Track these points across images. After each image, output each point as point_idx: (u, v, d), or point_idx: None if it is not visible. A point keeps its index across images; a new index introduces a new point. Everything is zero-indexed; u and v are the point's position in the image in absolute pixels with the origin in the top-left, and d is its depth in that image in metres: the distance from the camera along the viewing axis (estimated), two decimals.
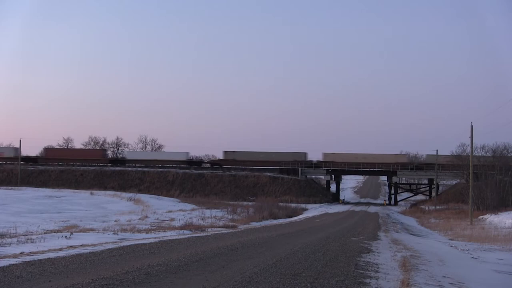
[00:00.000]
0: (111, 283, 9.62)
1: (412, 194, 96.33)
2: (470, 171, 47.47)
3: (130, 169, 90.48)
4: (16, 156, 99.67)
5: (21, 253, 13.51)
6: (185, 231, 24.02)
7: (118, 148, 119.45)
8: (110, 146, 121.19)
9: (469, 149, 50.08)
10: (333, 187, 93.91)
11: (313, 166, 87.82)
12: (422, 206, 71.15)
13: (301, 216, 50.06)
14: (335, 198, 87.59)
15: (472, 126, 44.02)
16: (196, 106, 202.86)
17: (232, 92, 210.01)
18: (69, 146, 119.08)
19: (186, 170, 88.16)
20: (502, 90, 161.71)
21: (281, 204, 58.79)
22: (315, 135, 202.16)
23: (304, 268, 12.45)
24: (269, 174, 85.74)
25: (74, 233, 20.27)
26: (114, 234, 20.88)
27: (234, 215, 42.94)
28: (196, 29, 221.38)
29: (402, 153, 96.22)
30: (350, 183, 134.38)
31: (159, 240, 18.75)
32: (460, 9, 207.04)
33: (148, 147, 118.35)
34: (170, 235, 21.53)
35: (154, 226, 28.05)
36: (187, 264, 12.41)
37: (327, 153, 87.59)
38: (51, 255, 13.11)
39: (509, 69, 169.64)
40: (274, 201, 61.46)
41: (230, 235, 22.55)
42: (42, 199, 54.60)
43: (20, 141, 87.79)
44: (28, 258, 12.43)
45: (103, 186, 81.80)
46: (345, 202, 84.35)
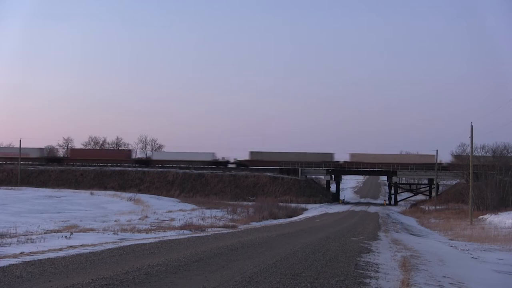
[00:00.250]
0: (111, 283, 9.62)
1: (412, 194, 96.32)
2: (470, 171, 47.48)
3: (130, 169, 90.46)
4: (41, 156, 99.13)
5: (21, 253, 13.50)
6: (185, 231, 24.01)
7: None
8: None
9: (469, 149, 50.14)
10: (333, 187, 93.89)
11: (339, 166, 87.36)
12: (422, 206, 71.16)
13: (301, 216, 50.06)
14: (335, 198, 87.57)
15: (472, 126, 44.04)
16: (196, 106, 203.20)
17: (232, 92, 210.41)
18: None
19: (186, 170, 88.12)
20: (502, 90, 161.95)
21: (281, 204, 58.80)
22: (315, 135, 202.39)
23: (304, 268, 12.45)
24: (269, 174, 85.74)
25: (74, 233, 20.27)
26: (114, 234, 20.88)
27: (234, 215, 42.93)
28: (196, 29, 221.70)
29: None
30: (350, 183, 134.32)
31: (159, 240, 18.74)
32: (460, 9, 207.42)
33: (148, 147, 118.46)
34: (170, 235, 21.53)
35: (154, 226, 28.05)
36: (187, 264, 12.41)
37: (354, 153, 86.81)
38: (51, 255, 13.11)
39: (509, 69, 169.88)
40: (274, 201, 61.48)
41: (230, 235, 22.55)
42: (42, 199, 54.61)
43: (20, 141, 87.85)
44: (28, 258, 12.42)
45: (103, 186, 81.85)
46: (345, 202, 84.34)
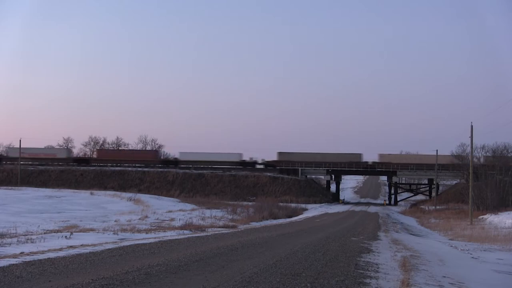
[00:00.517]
0: (111, 283, 9.62)
1: (412, 194, 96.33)
2: (470, 171, 47.48)
3: (130, 169, 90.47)
4: (69, 157, 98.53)
5: (21, 253, 13.50)
6: (185, 231, 24.00)
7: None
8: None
9: (469, 149, 50.12)
10: (333, 187, 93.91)
11: (368, 167, 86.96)
12: (422, 206, 71.15)
13: (301, 216, 50.05)
14: (335, 198, 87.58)
15: (472, 126, 44.03)
16: (196, 106, 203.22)
17: (232, 92, 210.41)
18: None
19: (186, 170, 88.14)
20: (502, 90, 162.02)
21: (281, 204, 58.80)
22: (315, 135, 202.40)
23: (304, 268, 12.44)
24: (269, 174, 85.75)
25: (74, 233, 20.27)
26: (114, 234, 20.87)
27: (234, 215, 42.93)
28: (196, 29, 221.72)
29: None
30: (350, 183, 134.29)
31: (159, 240, 18.73)
32: (460, 9, 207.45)
33: (148, 147, 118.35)
34: (170, 235, 21.52)
35: (154, 226, 28.04)
36: (187, 264, 12.41)
37: (383, 154, 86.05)
38: (51, 255, 13.10)
39: (509, 69, 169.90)
40: (274, 201, 61.48)
41: (230, 235, 22.55)
42: (42, 199, 54.61)
43: (20, 141, 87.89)
44: (28, 258, 12.41)
45: (103, 186, 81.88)
46: (345, 202, 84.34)
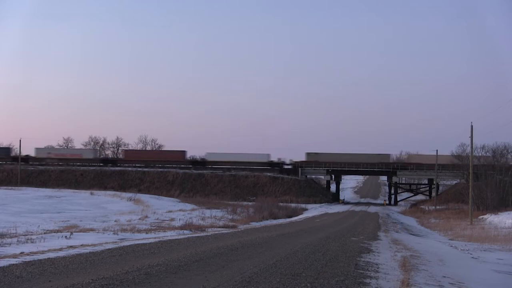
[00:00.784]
0: (111, 283, 9.62)
1: (412, 194, 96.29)
2: (470, 171, 47.48)
3: (130, 169, 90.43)
4: (95, 157, 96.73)
5: (21, 253, 13.50)
6: (185, 231, 24.00)
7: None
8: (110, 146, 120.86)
9: (469, 149, 50.13)
10: (333, 187, 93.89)
11: (398, 168, 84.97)
12: (422, 206, 71.13)
13: (301, 216, 50.05)
14: (335, 198, 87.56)
15: (472, 126, 44.03)
16: (196, 106, 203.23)
17: (232, 92, 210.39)
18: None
19: (186, 170, 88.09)
20: (502, 90, 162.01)
21: (281, 204, 58.79)
22: (315, 135, 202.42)
23: (304, 268, 12.44)
24: (269, 174, 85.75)
25: (74, 233, 20.26)
26: (114, 234, 20.87)
27: (234, 215, 42.92)
28: (196, 29, 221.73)
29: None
30: (350, 183, 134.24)
31: (159, 240, 18.73)
32: (460, 9, 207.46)
33: (148, 147, 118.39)
34: (170, 235, 21.52)
35: (154, 226, 28.04)
36: (187, 264, 12.41)
37: (412, 154, 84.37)
38: (51, 255, 13.10)
39: (509, 69, 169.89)
40: (274, 201, 61.45)
41: (230, 235, 22.54)
42: (42, 199, 54.60)
43: (20, 141, 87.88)
44: (28, 258, 12.41)
45: (103, 186, 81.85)
46: (345, 202, 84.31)
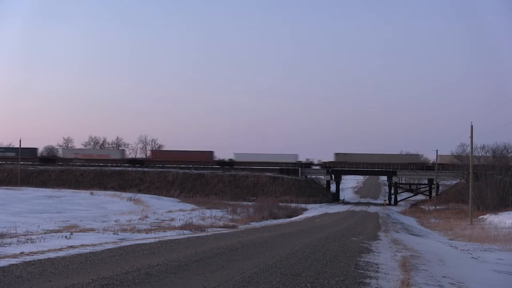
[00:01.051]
0: (111, 283, 9.62)
1: (412, 194, 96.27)
2: (470, 171, 47.47)
3: (130, 169, 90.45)
4: (123, 158, 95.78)
5: (21, 253, 13.50)
6: (185, 231, 24.00)
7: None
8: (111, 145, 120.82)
9: (469, 149, 50.13)
10: (333, 187, 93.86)
11: (424, 168, 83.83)
12: (422, 206, 71.13)
13: (301, 216, 50.05)
14: (335, 198, 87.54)
15: (472, 126, 44.03)
16: (196, 106, 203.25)
17: (232, 92, 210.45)
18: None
19: (186, 170, 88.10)
20: (502, 90, 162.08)
21: (281, 204, 58.80)
22: (315, 135, 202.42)
23: (304, 268, 12.44)
24: (269, 174, 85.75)
25: (74, 233, 20.27)
26: (114, 234, 20.87)
27: (234, 215, 42.92)
28: (196, 29, 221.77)
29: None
30: (350, 183, 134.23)
31: (159, 240, 18.73)
32: (460, 9, 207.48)
33: (148, 147, 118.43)
34: (170, 235, 21.52)
35: (154, 226, 28.04)
36: (187, 264, 12.41)
37: (444, 155, 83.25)
38: (51, 255, 13.10)
39: (509, 69, 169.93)
40: (274, 201, 61.45)
41: (230, 235, 22.54)
42: (42, 199, 54.60)
43: (20, 141, 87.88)
44: (28, 258, 12.41)
45: (103, 186, 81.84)
46: (345, 202, 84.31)
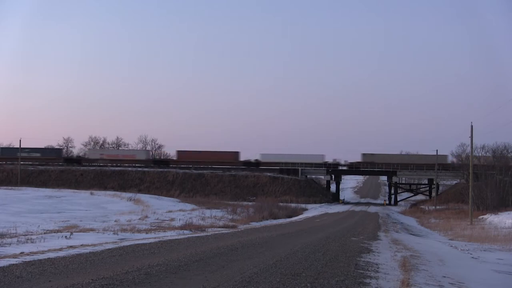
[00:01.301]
0: (111, 283, 9.62)
1: (412, 194, 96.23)
2: (470, 171, 47.47)
3: (130, 169, 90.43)
4: (148, 158, 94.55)
5: (21, 253, 13.50)
6: (185, 231, 24.01)
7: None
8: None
9: (469, 149, 50.13)
10: (333, 187, 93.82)
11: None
12: (422, 206, 71.12)
13: (301, 216, 50.04)
14: (335, 198, 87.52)
15: (472, 126, 44.03)
16: (196, 106, 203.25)
17: (232, 92, 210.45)
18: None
19: (186, 170, 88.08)
20: (502, 90, 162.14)
21: (281, 204, 58.78)
22: (315, 135, 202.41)
23: (304, 268, 12.44)
24: (269, 174, 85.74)
25: (74, 233, 20.27)
26: (114, 234, 20.87)
27: (234, 215, 42.92)
28: (196, 29, 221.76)
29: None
30: (350, 183, 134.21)
31: (159, 240, 18.73)
32: (460, 9, 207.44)
33: (148, 147, 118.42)
34: (170, 235, 21.52)
35: (154, 226, 28.04)
36: (187, 264, 12.41)
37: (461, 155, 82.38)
38: (51, 255, 13.10)
39: (509, 69, 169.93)
40: (274, 201, 61.44)
41: (230, 235, 22.54)
42: (42, 199, 54.59)
43: (20, 141, 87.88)
44: (28, 258, 12.41)
45: (103, 186, 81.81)
46: (345, 202, 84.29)
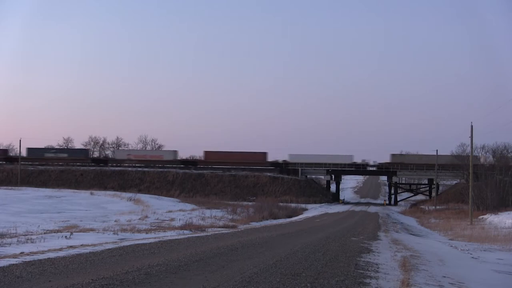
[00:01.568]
0: (111, 283, 9.62)
1: (412, 194, 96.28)
2: (470, 171, 47.47)
3: (130, 169, 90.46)
4: (175, 159, 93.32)
5: (21, 253, 13.50)
6: (185, 231, 24.01)
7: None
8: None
9: (469, 149, 50.11)
10: (333, 187, 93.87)
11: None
12: (422, 206, 71.13)
13: (301, 216, 50.04)
14: (335, 198, 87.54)
15: (472, 126, 44.04)
16: (196, 106, 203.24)
17: (232, 92, 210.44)
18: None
19: (186, 170, 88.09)
20: (502, 90, 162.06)
21: (281, 204, 58.79)
22: (315, 135, 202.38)
23: (304, 268, 12.44)
24: (269, 174, 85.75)
25: (74, 233, 20.27)
26: (114, 234, 20.87)
27: (234, 215, 42.92)
28: (196, 29, 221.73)
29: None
30: (350, 183, 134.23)
31: (159, 240, 18.73)
32: (460, 9, 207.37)
33: (148, 147, 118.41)
34: (170, 235, 21.52)
35: (154, 226, 28.04)
36: (187, 264, 12.41)
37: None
38: (51, 255, 13.10)
39: (509, 69, 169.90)
40: (274, 201, 61.44)
41: (230, 235, 22.55)
42: (42, 199, 54.58)
43: (20, 141, 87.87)
44: (28, 258, 12.41)
45: (103, 186, 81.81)
46: (345, 202, 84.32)
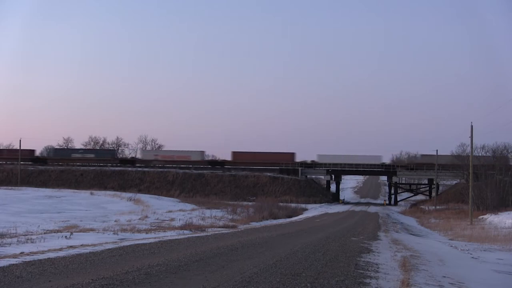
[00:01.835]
0: (111, 283, 9.62)
1: (412, 194, 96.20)
2: (470, 171, 47.47)
3: (130, 169, 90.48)
4: (202, 159, 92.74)
5: (21, 253, 13.50)
6: (185, 231, 24.01)
7: None
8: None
9: (469, 149, 50.12)
10: (333, 187, 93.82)
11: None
12: (422, 206, 71.11)
13: (301, 216, 50.05)
14: (335, 198, 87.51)
15: (472, 126, 44.04)
16: (196, 106, 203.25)
17: (232, 92, 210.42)
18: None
19: (186, 170, 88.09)
20: (502, 90, 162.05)
21: (281, 204, 58.77)
22: (315, 135, 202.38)
23: (304, 268, 12.44)
24: (269, 174, 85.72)
25: (74, 233, 20.27)
26: (114, 234, 20.88)
27: (234, 215, 42.92)
28: (196, 29, 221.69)
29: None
30: (350, 183, 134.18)
31: (159, 240, 18.74)
32: (460, 9, 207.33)
33: (148, 147, 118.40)
34: (170, 235, 21.53)
35: (154, 226, 28.05)
36: (187, 264, 12.41)
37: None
38: (51, 255, 13.10)
39: (509, 69, 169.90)
40: (274, 201, 61.41)
41: (230, 235, 22.55)
42: (42, 199, 54.59)
43: (20, 141, 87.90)
44: (28, 258, 12.42)
45: (103, 186, 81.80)
46: (345, 202, 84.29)
